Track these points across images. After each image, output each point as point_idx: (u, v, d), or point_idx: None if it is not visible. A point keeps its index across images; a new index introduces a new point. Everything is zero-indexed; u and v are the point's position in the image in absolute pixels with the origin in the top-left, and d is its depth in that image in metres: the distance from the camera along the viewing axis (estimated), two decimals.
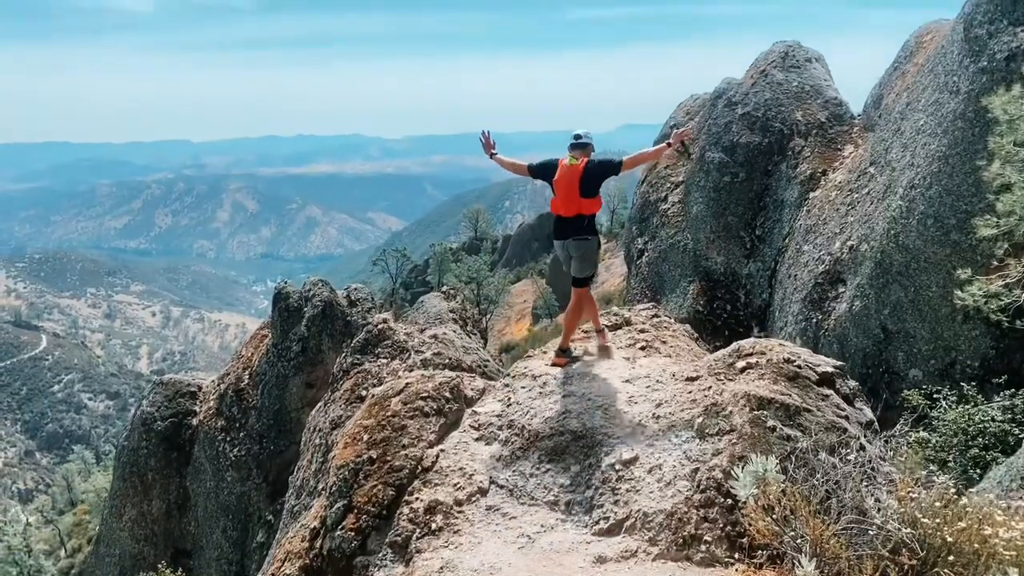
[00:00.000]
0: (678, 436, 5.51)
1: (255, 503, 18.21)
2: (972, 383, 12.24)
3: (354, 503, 5.68)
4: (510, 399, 6.65)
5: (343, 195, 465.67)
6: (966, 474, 10.21)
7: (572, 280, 7.72)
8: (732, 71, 20.79)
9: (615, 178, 7.73)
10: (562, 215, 7.39)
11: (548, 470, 5.70)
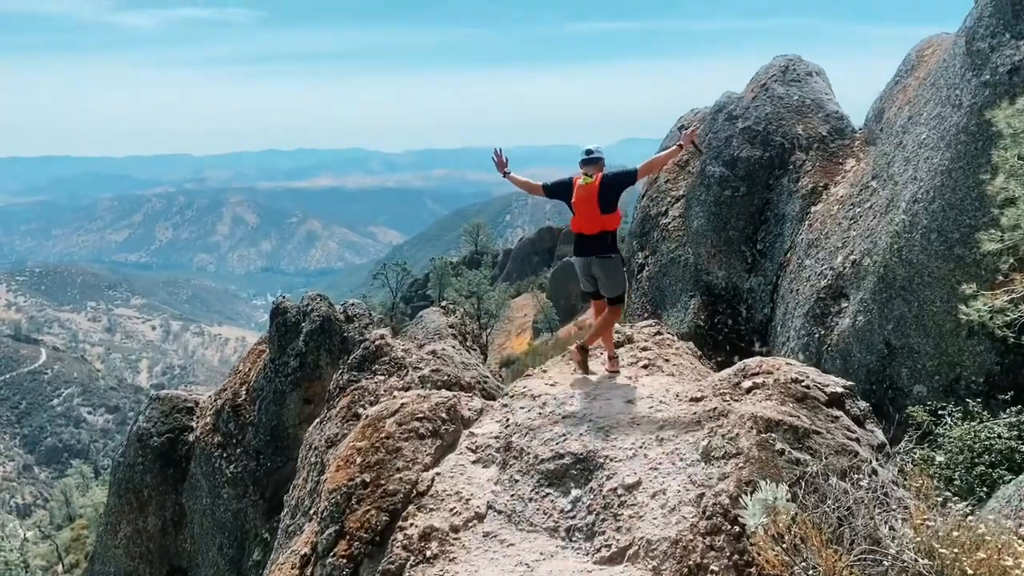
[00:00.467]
0: (682, 459, 5.32)
1: (252, 520, 18.00)
2: (977, 399, 12.06)
3: (346, 529, 5.47)
4: (508, 420, 6.47)
5: (344, 209, 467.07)
6: (972, 492, 10.04)
7: (607, 300, 7.62)
8: (732, 85, 21.02)
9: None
10: (585, 233, 7.27)
11: (548, 494, 5.52)
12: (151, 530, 19.74)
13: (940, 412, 11.85)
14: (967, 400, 12.02)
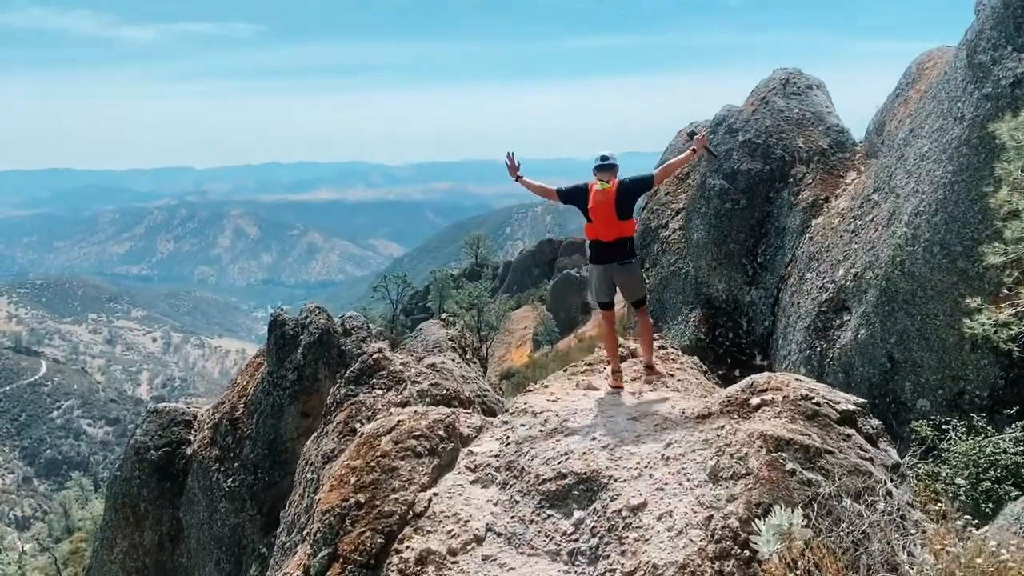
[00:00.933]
0: (689, 480, 5.14)
1: (249, 535, 17.82)
2: (981, 414, 11.95)
3: (340, 551, 5.30)
4: (509, 438, 6.30)
5: (345, 221, 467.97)
6: (978, 508, 9.91)
7: (632, 303, 7.61)
8: (730, 99, 21.01)
9: None
10: (603, 240, 7.18)
11: (549, 516, 5.34)
12: (147, 545, 19.55)
13: (944, 427, 11.73)
14: (971, 415, 11.89)
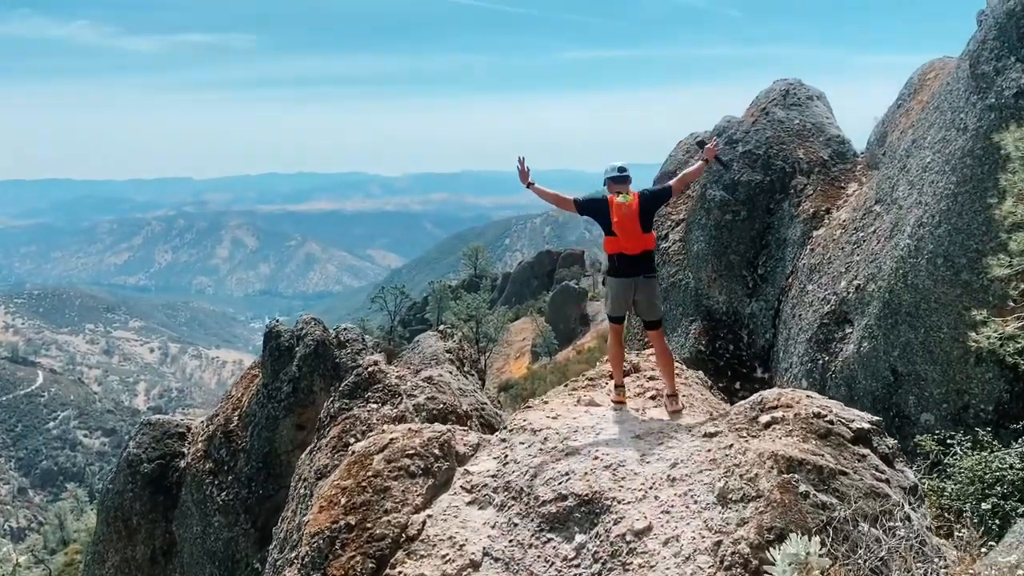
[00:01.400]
0: (697, 502, 4.92)
1: (243, 550, 17.57)
2: (987, 428, 11.77)
3: None
4: (507, 456, 6.05)
5: (343, 232, 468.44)
6: (983, 525, 9.74)
7: (644, 323, 7.43)
8: (729, 111, 20.91)
9: None
10: (628, 253, 6.99)
11: (549, 540, 5.11)
12: (140, 559, 19.28)
13: (949, 442, 11.56)
14: (976, 429, 11.72)
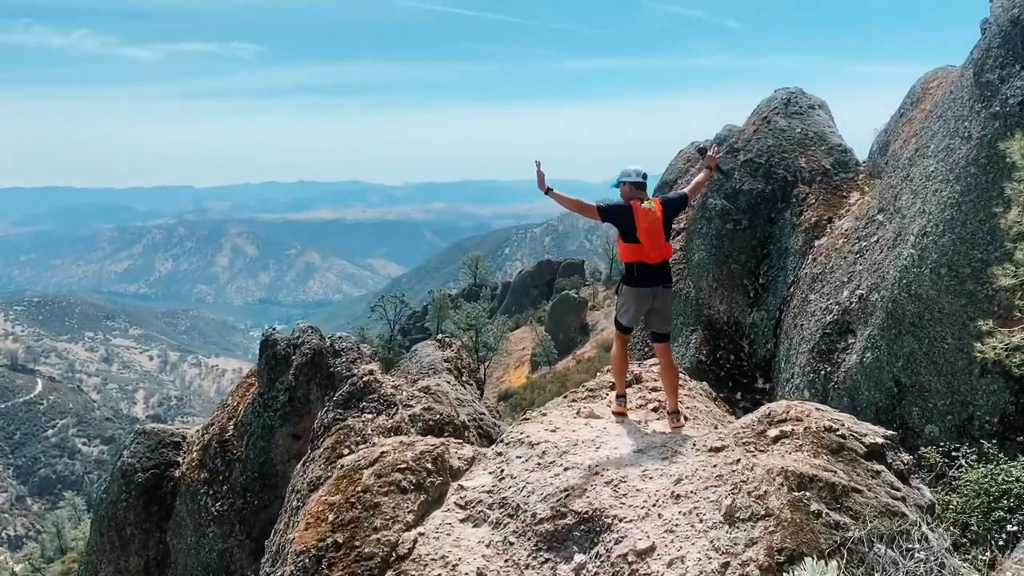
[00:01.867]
0: (702, 520, 4.69)
1: (237, 561, 17.32)
2: (992, 440, 11.60)
3: None
4: (503, 471, 5.82)
5: (343, 241, 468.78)
6: (990, 539, 9.56)
7: (653, 335, 7.13)
8: (731, 120, 20.79)
9: (614, 228, 7.20)
10: (649, 262, 6.77)
11: (547, 560, 4.89)
12: (133, 570, 19.02)
13: (954, 454, 11.39)
14: (982, 441, 11.55)
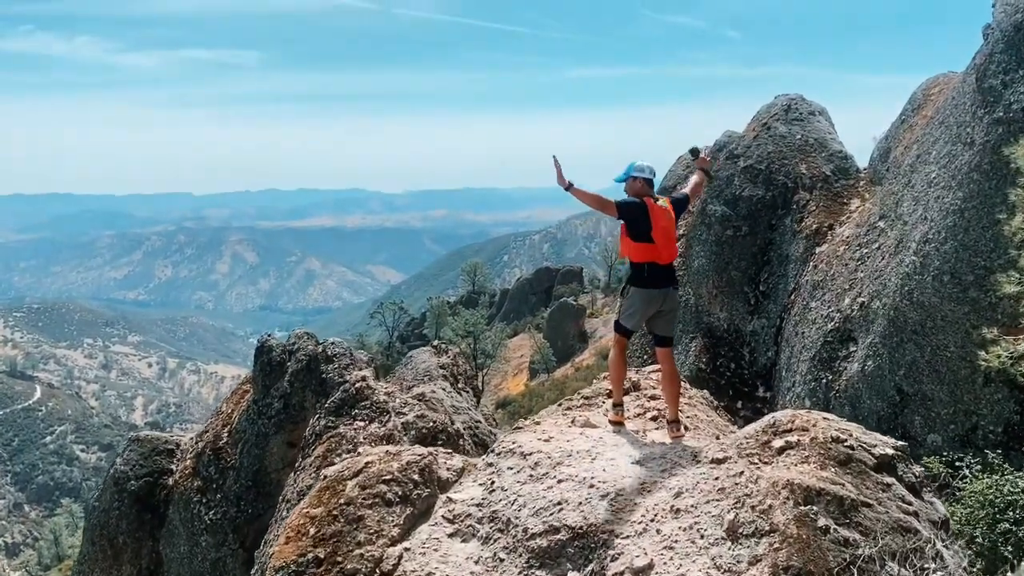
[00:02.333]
0: (703, 536, 4.50)
1: (230, 571, 17.09)
2: (996, 450, 11.42)
3: None
4: (493, 483, 5.60)
5: (343, 248, 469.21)
6: (995, 550, 9.38)
7: (657, 339, 6.88)
8: (729, 127, 20.72)
9: (613, 234, 7.06)
10: (660, 263, 6.60)
11: None
12: None
13: (958, 464, 11.20)
14: (986, 451, 11.38)
